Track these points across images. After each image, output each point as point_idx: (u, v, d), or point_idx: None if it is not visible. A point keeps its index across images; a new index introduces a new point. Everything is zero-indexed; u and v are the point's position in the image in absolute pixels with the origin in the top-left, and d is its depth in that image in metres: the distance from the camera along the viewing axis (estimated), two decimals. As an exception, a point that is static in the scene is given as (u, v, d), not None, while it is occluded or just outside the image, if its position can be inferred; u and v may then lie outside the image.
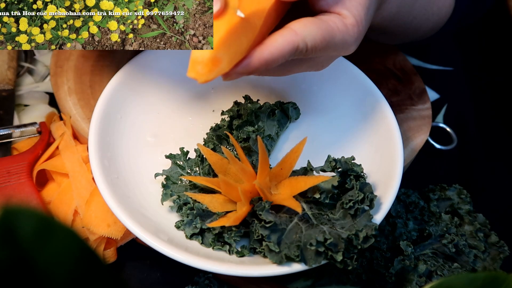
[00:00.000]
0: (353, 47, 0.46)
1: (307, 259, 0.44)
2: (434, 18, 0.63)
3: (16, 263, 0.23)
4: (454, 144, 0.71)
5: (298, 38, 0.41)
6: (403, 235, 0.55)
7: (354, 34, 0.44)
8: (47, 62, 0.70)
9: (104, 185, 0.48)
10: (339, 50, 0.45)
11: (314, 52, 0.43)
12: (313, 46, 0.42)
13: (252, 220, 0.48)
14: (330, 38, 0.43)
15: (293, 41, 0.41)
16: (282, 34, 0.41)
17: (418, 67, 0.78)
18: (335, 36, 0.43)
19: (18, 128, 0.61)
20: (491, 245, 0.56)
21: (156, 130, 0.57)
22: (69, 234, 0.23)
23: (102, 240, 0.53)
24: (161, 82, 0.59)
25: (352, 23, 0.44)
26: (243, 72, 0.41)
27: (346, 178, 0.48)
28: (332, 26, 0.43)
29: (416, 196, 0.58)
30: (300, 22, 0.42)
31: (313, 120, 0.59)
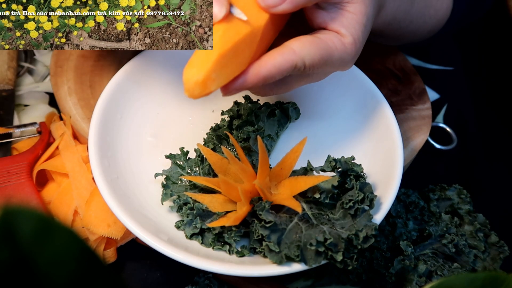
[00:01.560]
0: (350, 64, 0.47)
1: (307, 259, 0.44)
2: (432, 21, 0.63)
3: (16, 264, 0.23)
4: (454, 144, 0.71)
5: (296, 57, 0.42)
6: (403, 235, 0.55)
7: (351, 52, 0.45)
8: (47, 62, 0.70)
9: (104, 185, 0.48)
10: (337, 67, 0.46)
11: (311, 70, 0.44)
12: (311, 65, 0.43)
13: (252, 220, 0.48)
14: (328, 57, 0.44)
15: (291, 60, 0.42)
16: (280, 52, 0.42)
17: (418, 67, 0.78)
18: (333, 55, 0.44)
19: (18, 128, 0.61)
20: (491, 245, 0.56)
21: (156, 130, 0.57)
22: (69, 234, 0.23)
23: (102, 240, 0.53)
24: (161, 82, 0.59)
25: (350, 42, 0.45)
26: (240, 88, 0.42)
27: (346, 178, 0.48)
28: (330, 46, 0.44)
29: (416, 196, 0.58)
30: (299, 40, 0.43)
31: (313, 120, 0.59)
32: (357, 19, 0.45)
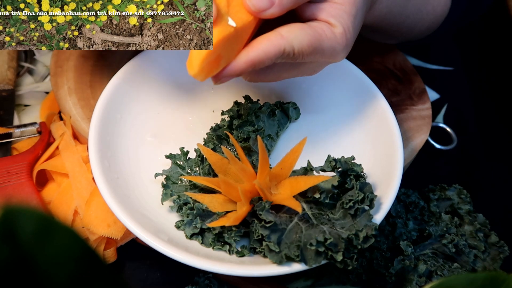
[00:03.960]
0: (342, 55, 0.47)
1: (307, 259, 0.44)
2: (429, 17, 0.63)
3: (16, 263, 0.23)
4: (454, 144, 0.71)
5: (284, 42, 0.42)
6: (403, 235, 0.55)
7: (342, 42, 0.45)
8: (47, 62, 0.70)
9: (104, 185, 0.48)
10: (328, 57, 0.46)
11: (301, 57, 0.44)
12: (300, 51, 0.43)
13: (252, 220, 0.48)
14: (318, 44, 0.44)
15: (279, 44, 0.42)
16: (268, 38, 0.42)
17: (418, 67, 0.78)
18: (322, 42, 0.44)
19: (18, 128, 0.61)
20: (491, 245, 0.56)
21: (156, 130, 0.57)
22: (69, 234, 0.23)
23: (102, 240, 0.53)
24: (161, 82, 0.59)
25: (340, 32, 0.45)
26: (231, 74, 0.42)
27: (346, 178, 0.48)
28: (320, 33, 0.44)
29: (416, 196, 0.58)
30: (287, 26, 0.43)
31: (313, 120, 0.59)
32: (346, 9, 0.45)
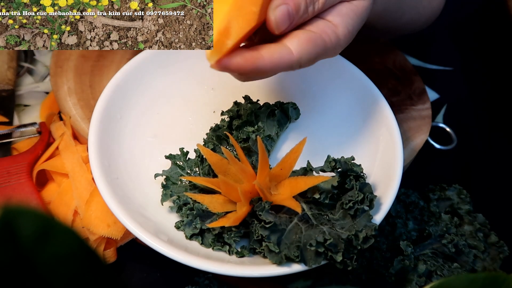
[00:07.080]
0: (339, 52, 0.47)
1: (307, 260, 0.44)
2: (426, 11, 0.63)
3: (17, 263, 0.23)
4: (454, 144, 0.71)
5: (294, 59, 0.43)
6: (403, 235, 0.55)
7: (344, 44, 0.45)
8: (47, 62, 0.70)
9: (104, 185, 0.48)
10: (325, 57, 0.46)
11: (305, 67, 0.44)
12: (306, 63, 0.44)
13: (252, 220, 0.48)
14: (323, 52, 0.44)
15: (289, 60, 0.42)
16: (279, 52, 0.42)
17: (418, 67, 0.78)
18: (327, 50, 0.44)
19: (18, 128, 0.61)
20: (491, 245, 0.56)
21: (156, 130, 0.57)
22: (69, 234, 0.23)
23: (102, 240, 0.53)
24: (161, 82, 0.59)
25: (344, 33, 0.45)
26: (234, 69, 0.42)
27: (346, 178, 0.48)
28: (326, 40, 0.44)
29: (416, 196, 0.58)
30: (296, 38, 0.43)
31: (313, 120, 0.59)
32: (356, 11, 0.45)
